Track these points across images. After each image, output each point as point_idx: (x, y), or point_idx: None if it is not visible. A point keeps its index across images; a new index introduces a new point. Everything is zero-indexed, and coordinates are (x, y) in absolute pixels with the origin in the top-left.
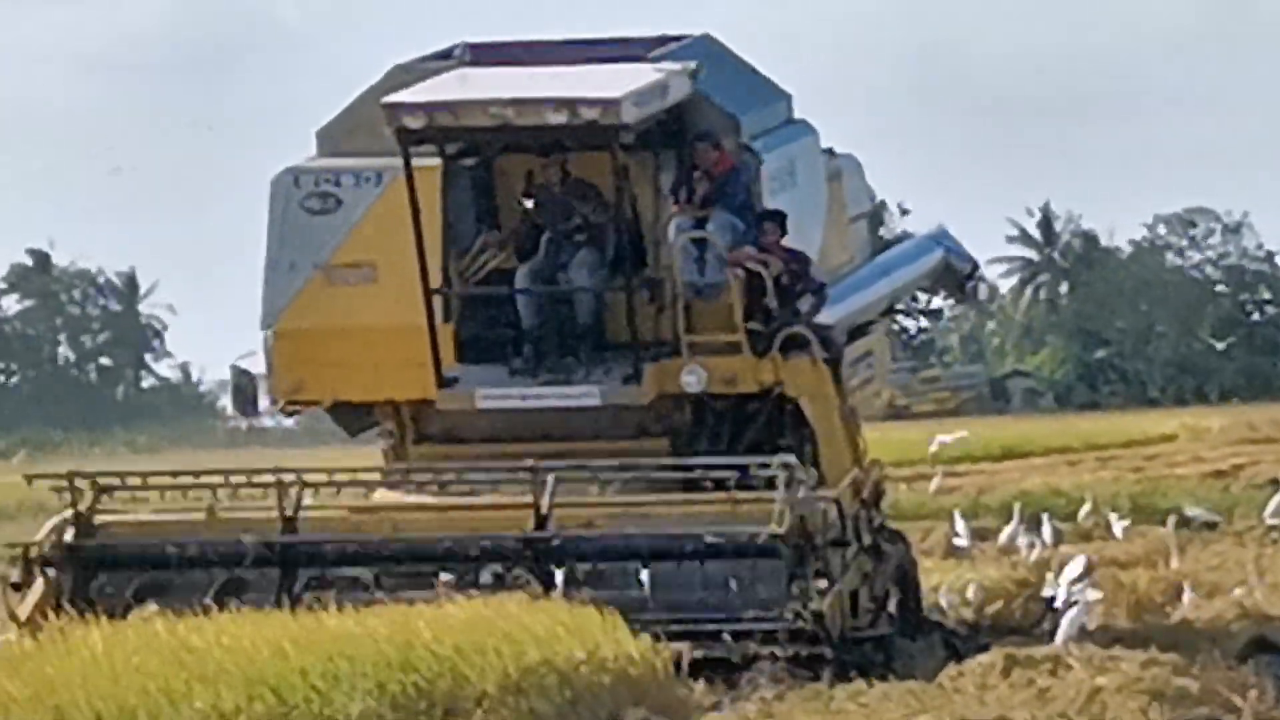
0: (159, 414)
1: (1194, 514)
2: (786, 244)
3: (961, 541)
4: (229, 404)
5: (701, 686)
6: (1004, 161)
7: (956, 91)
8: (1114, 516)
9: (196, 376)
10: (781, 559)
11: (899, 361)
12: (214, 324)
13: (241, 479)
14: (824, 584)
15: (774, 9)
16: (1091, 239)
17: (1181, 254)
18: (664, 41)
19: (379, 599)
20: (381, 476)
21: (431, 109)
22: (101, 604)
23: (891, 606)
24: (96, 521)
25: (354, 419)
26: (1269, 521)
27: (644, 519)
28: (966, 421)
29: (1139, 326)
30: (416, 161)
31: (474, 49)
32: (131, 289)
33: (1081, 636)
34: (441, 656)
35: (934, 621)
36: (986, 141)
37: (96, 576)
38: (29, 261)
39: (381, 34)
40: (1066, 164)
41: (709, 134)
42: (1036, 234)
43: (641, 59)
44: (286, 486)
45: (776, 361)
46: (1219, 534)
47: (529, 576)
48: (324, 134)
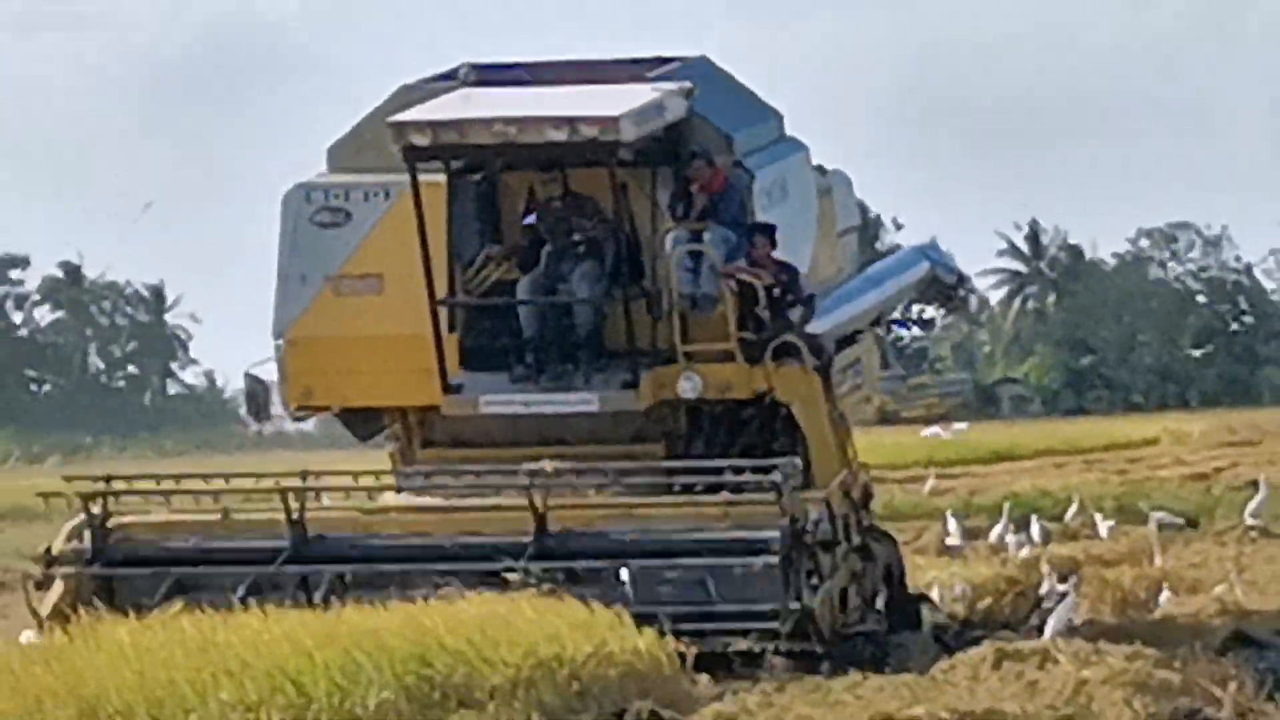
0: (185, 420)
1: (1159, 517)
2: (778, 257)
3: (954, 540)
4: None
5: (705, 679)
6: (994, 179)
7: (949, 112)
8: (1099, 517)
9: (220, 384)
10: (774, 559)
11: (892, 369)
12: (237, 333)
13: (249, 482)
14: (815, 582)
15: (770, 32)
16: (1077, 252)
17: (1163, 266)
18: (661, 63)
19: (392, 596)
20: (376, 480)
21: (437, 127)
22: (125, 602)
23: (880, 604)
24: (112, 523)
25: (363, 424)
26: (1248, 522)
27: (643, 520)
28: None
29: (1123, 336)
30: (423, 177)
31: (478, 69)
32: (158, 300)
33: (1069, 631)
34: (455, 651)
35: (917, 597)
36: (977, 160)
37: (114, 576)
38: (60, 274)
39: (391, 55)
40: (1053, 181)
41: (704, 151)
42: (1025, 247)
43: (639, 79)
44: (298, 491)
45: (769, 369)
46: (1200, 533)
47: (535, 575)
48: (334, 151)
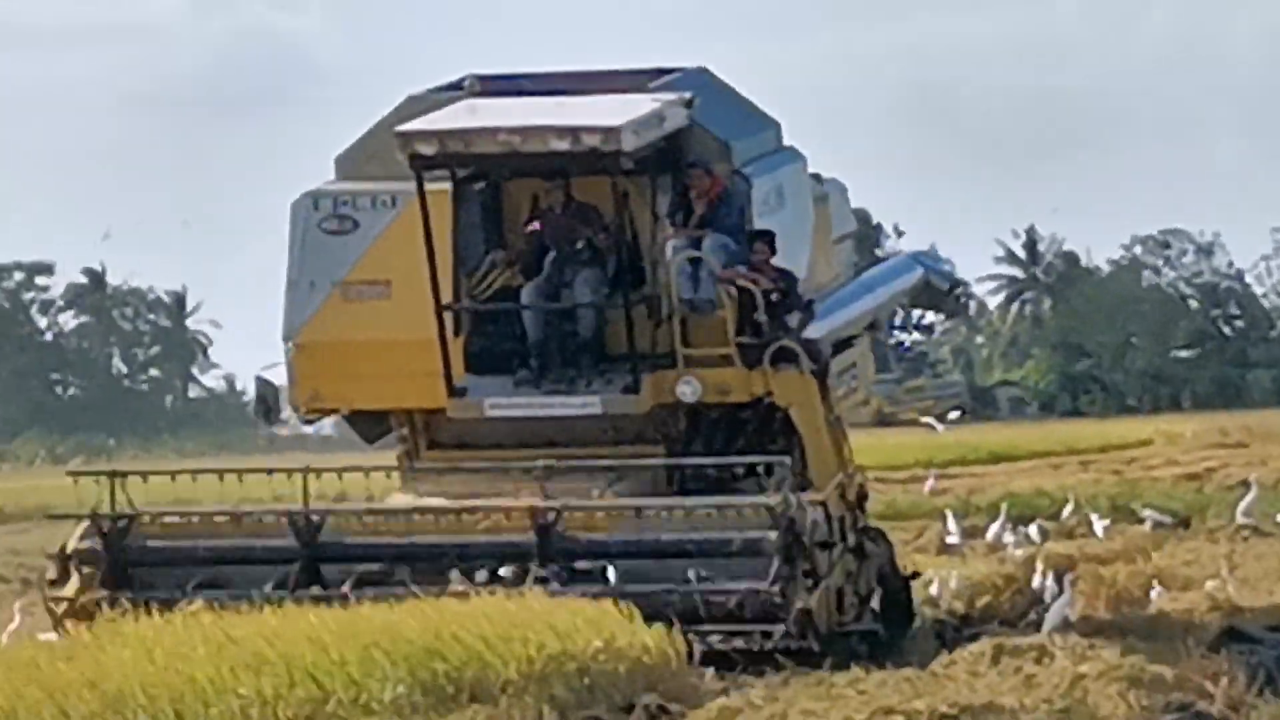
0: (205, 422)
1: (1148, 515)
2: (776, 263)
3: (953, 539)
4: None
5: (711, 674)
6: (992, 187)
7: (949, 123)
8: (1095, 516)
9: (240, 387)
10: (772, 558)
11: (892, 372)
12: (256, 338)
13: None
14: (811, 582)
15: (775, 44)
16: (1073, 259)
17: (1157, 272)
18: (661, 73)
19: (404, 593)
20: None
21: (443, 136)
22: (139, 598)
23: (875, 603)
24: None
25: (370, 426)
26: (1239, 520)
27: (643, 520)
28: (955, 428)
29: (1117, 340)
30: (429, 185)
31: (483, 80)
32: (179, 306)
33: (1065, 627)
34: (468, 647)
35: (907, 578)
36: (976, 168)
37: (126, 573)
38: (85, 280)
39: (401, 67)
40: (1050, 189)
41: (703, 160)
42: (1022, 254)
43: (640, 89)
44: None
45: (766, 373)
46: (1192, 532)
47: (540, 572)
48: (342, 160)
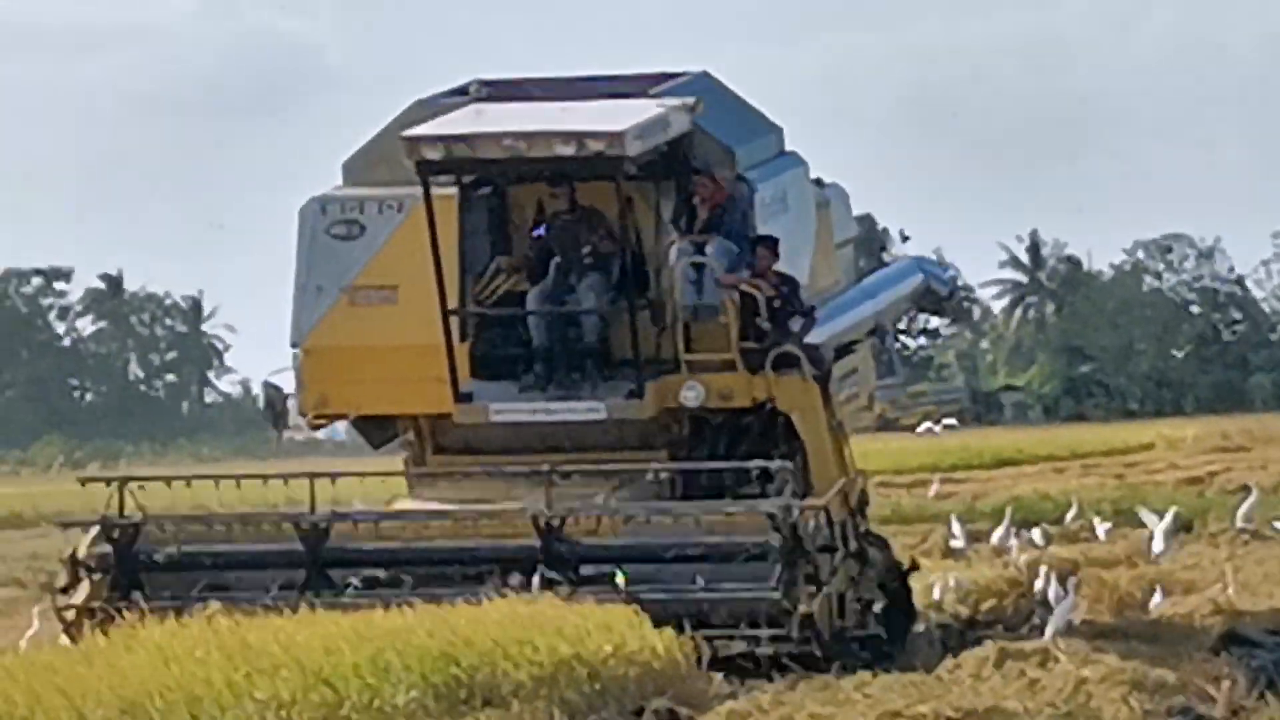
0: (221, 427)
1: (1145, 517)
2: (778, 269)
3: (958, 543)
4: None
5: (719, 678)
6: (996, 193)
7: (954, 130)
8: (1098, 520)
9: (255, 392)
10: (774, 563)
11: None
12: (271, 343)
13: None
14: (814, 587)
15: (782, 50)
16: (1076, 263)
17: (1159, 277)
18: (665, 78)
19: (413, 598)
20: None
21: (449, 141)
22: (148, 604)
23: (877, 608)
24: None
25: (377, 431)
26: (1240, 525)
27: (647, 525)
28: (958, 432)
29: (1120, 344)
30: (435, 191)
31: (489, 85)
32: (196, 311)
33: (1068, 631)
34: (481, 651)
35: (906, 570)
36: (980, 175)
37: (136, 578)
38: (103, 286)
39: (408, 72)
40: (1053, 194)
41: (707, 165)
42: (1025, 259)
43: (644, 95)
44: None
45: (769, 378)
46: (1194, 536)
47: (548, 578)
48: (349, 165)
